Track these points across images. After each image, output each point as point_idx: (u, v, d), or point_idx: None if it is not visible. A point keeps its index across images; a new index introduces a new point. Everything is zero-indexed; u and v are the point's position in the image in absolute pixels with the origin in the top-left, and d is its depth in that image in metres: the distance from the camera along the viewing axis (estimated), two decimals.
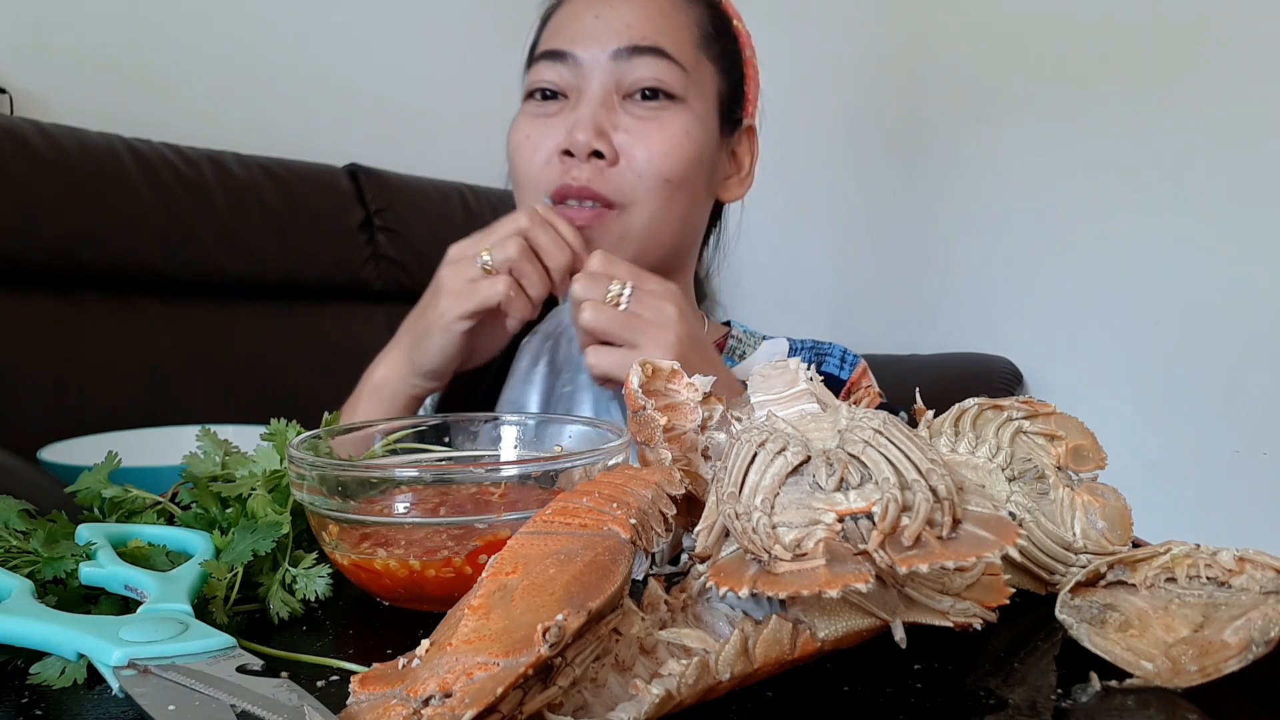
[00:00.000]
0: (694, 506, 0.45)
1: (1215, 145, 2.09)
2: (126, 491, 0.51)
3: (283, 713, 0.31)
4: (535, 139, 0.83)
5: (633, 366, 0.49)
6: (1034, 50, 2.33)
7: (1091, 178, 2.26)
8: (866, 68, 2.58)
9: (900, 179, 2.58)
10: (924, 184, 2.56)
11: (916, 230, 2.58)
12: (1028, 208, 2.37)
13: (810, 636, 0.34)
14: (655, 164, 0.80)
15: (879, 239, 2.60)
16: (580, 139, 0.79)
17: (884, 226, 2.60)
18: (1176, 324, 2.16)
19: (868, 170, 2.58)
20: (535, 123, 0.83)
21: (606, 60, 0.81)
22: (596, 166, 0.80)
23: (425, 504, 0.46)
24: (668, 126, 0.81)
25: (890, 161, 2.57)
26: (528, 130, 0.84)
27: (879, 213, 2.57)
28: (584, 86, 0.81)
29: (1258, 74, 2.04)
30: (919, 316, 2.55)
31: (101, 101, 1.85)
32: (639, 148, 0.80)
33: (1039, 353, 2.34)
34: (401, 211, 2.01)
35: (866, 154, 2.57)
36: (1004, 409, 0.48)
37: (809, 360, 0.91)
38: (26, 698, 0.36)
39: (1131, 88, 2.19)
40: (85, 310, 1.59)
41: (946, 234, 2.52)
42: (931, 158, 2.54)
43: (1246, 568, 0.40)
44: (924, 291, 2.56)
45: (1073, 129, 2.28)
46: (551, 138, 0.81)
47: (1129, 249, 2.21)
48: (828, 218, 2.68)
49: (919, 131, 2.54)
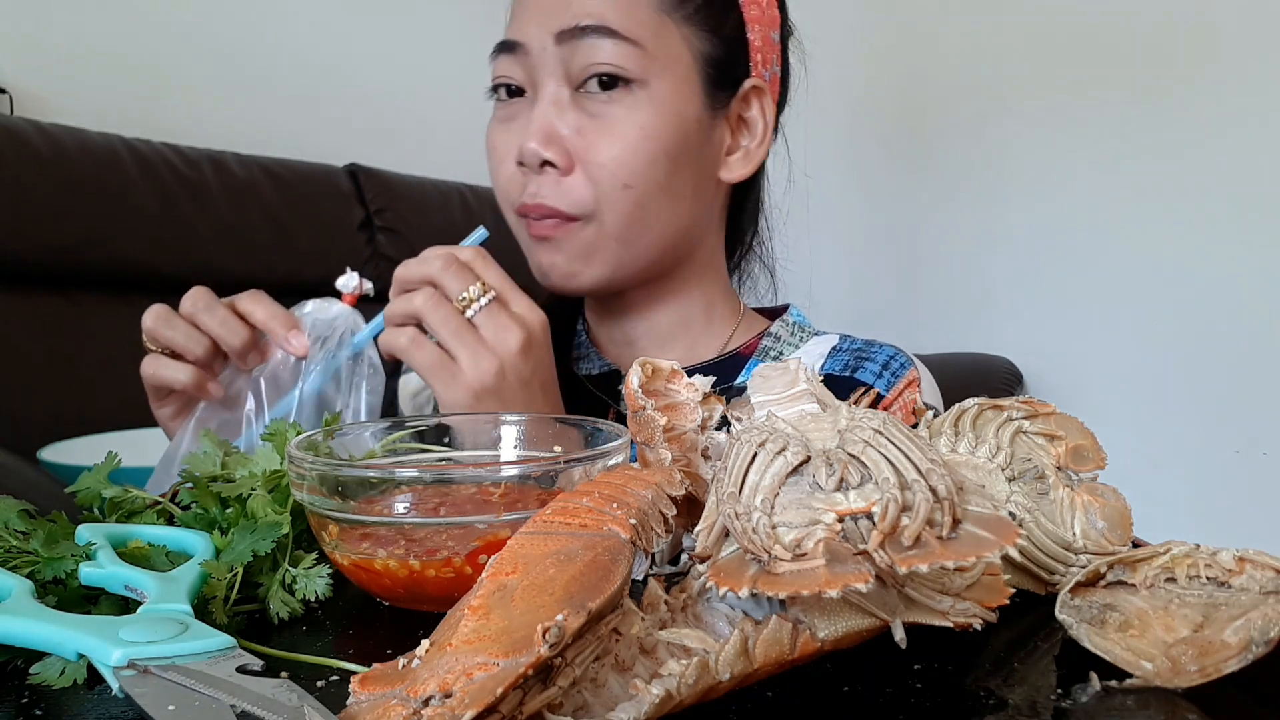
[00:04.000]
0: (694, 507, 0.45)
1: (1216, 146, 2.09)
2: (126, 491, 0.51)
3: (283, 713, 0.31)
4: (500, 150, 0.78)
5: (633, 366, 0.49)
6: (1035, 50, 2.33)
7: (1092, 178, 2.26)
8: (867, 68, 2.58)
9: (900, 179, 2.58)
10: (924, 184, 2.56)
11: (917, 230, 2.58)
12: (1028, 208, 2.37)
13: (810, 636, 0.34)
14: (609, 170, 0.73)
15: (879, 239, 2.60)
16: (529, 148, 0.72)
17: (884, 226, 2.60)
18: (1177, 324, 2.16)
19: (868, 170, 2.58)
20: (499, 130, 0.78)
21: (552, 46, 0.73)
22: (551, 177, 0.73)
23: (425, 504, 0.46)
24: (621, 124, 0.72)
25: (890, 162, 2.57)
26: (493, 140, 0.78)
27: (879, 213, 2.57)
28: (538, 81, 0.75)
29: (1259, 75, 2.04)
30: (919, 316, 2.55)
31: (101, 101, 1.86)
32: (591, 151, 0.73)
33: (1039, 353, 2.34)
34: (401, 211, 2.01)
35: (866, 154, 2.57)
36: (1004, 409, 0.48)
37: (845, 364, 0.82)
38: (26, 698, 0.36)
39: (1133, 89, 2.19)
40: (85, 310, 1.59)
41: (946, 234, 2.52)
42: (932, 158, 2.54)
43: (1246, 568, 0.40)
44: (924, 291, 2.56)
45: (1074, 129, 2.28)
46: (513, 147, 0.75)
47: (1129, 249, 2.22)
48: (827, 218, 2.69)
49: (919, 132, 2.54)
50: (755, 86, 0.79)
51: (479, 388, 0.65)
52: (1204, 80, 2.09)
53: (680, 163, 0.75)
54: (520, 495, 0.48)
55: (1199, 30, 2.09)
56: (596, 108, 0.73)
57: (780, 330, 0.86)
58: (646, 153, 0.73)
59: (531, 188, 0.74)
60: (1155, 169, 2.16)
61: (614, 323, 0.85)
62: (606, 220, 0.74)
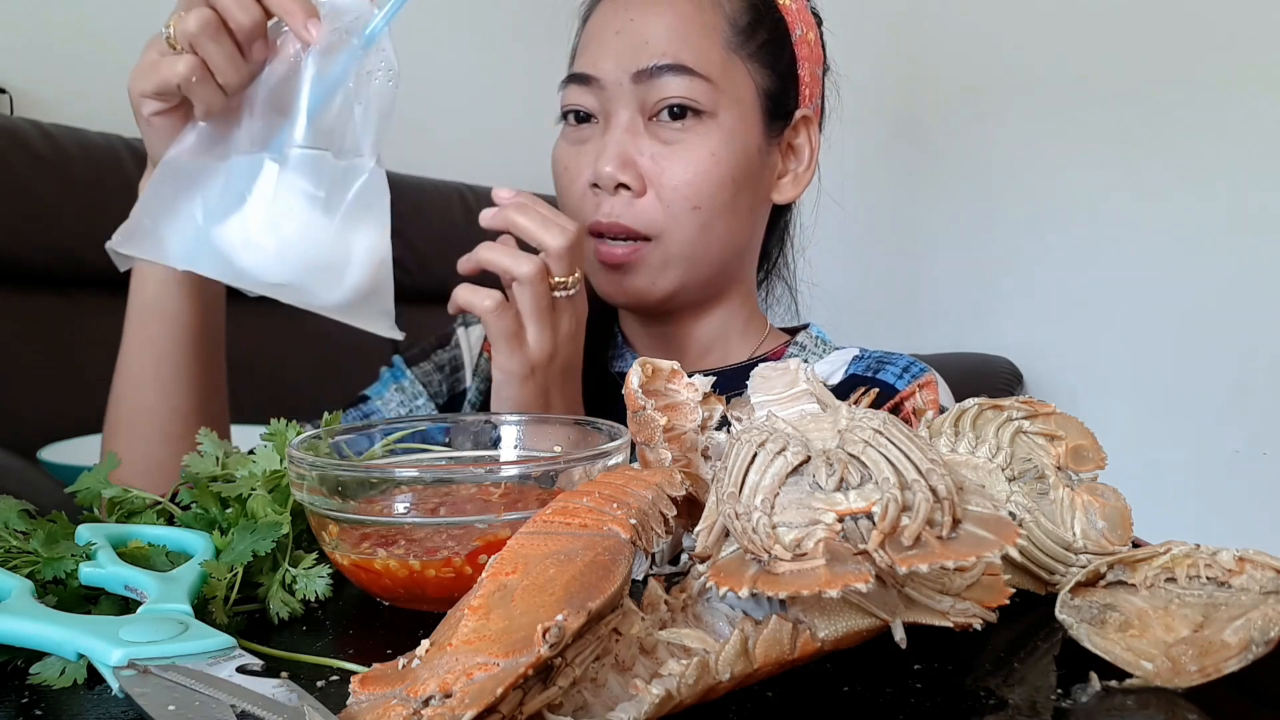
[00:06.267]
0: (694, 507, 0.45)
1: (1217, 145, 2.09)
2: (126, 492, 0.51)
3: (283, 713, 0.31)
4: (572, 170, 0.82)
5: (633, 366, 0.49)
6: (1035, 49, 2.33)
7: (1093, 178, 2.26)
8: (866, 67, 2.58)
9: (901, 179, 2.58)
10: (924, 184, 2.56)
11: (916, 230, 2.58)
12: (1028, 208, 2.37)
13: (810, 636, 0.34)
14: (681, 193, 0.78)
15: (879, 239, 2.60)
16: (605, 172, 0.77)
17: (884, 226, 2.60)
18: (1177, 324, 2.16)
19: (867, 170, 2.58)
20: (570, 151, 0.82)
21: (629, 83, 0.78)
22: (625, 198, 0.78)
23: (425, 504, 0.46)
24: (692, 151, 0.78)
25: (890, 161, 2.57)
26: (565, 161, 0.83)
27: (879, 212, 2.57)
28: (610, 110, 0.80)
29: (1259, 73, 2.04)
30: (919, 316, 2.55)
31: (101, 101, 1.85)
32: (664, 175, 0.78)
33: (1039, 353, 2.34)
34: (401, 211, 1.99)
35: (866, 153, 2.57)
36: (1004, 409, 0.48)
37: (867, 366, 0.86)
38: (26, 698, 0.36)
39: (1133, 88, 2.19)
40: (85, 310, 1.59)
41: (946, 234, 2.52)
42: (932, 157, 2.54)
43: (1246, 568, 0.40)
44: (924, 291, 2.56)
45: (1074, 129, 2.28)
46: (585, 168, 0.80)
47: (1130, 249, 2.22)
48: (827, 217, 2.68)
49: (919, 132, 2.54)
50: (805, 116, 0.86)
51: (536, 364, 0.70)
52: (1205, 80, 2.09)
53: (742, 187, 0.81)
54: (520, 495, 0.48)
55: (1200, 29, 2.09)
56: (669, 135, 0.78)
57: (805, 340, 0.91)
58: (715, 178, 0.79)
59: (606, 207, 0.79)
60: (1155, 169, 2.16)
61: (656, 330, 0.89)
62: (675, 240, 0.79)
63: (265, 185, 0.61)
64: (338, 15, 0.62)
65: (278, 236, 0.60)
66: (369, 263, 0.63)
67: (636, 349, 0.91)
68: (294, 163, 0.61)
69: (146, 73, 0.63)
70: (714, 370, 0.87)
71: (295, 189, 0.61)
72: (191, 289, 0.73)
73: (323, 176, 0.62)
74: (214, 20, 0.60)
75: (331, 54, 0.61)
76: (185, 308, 0.73)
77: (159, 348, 0.74)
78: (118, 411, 0.77)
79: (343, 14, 0.62)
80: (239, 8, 0.60)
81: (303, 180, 0.61)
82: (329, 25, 0.61)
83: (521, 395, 0.70)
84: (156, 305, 0.73)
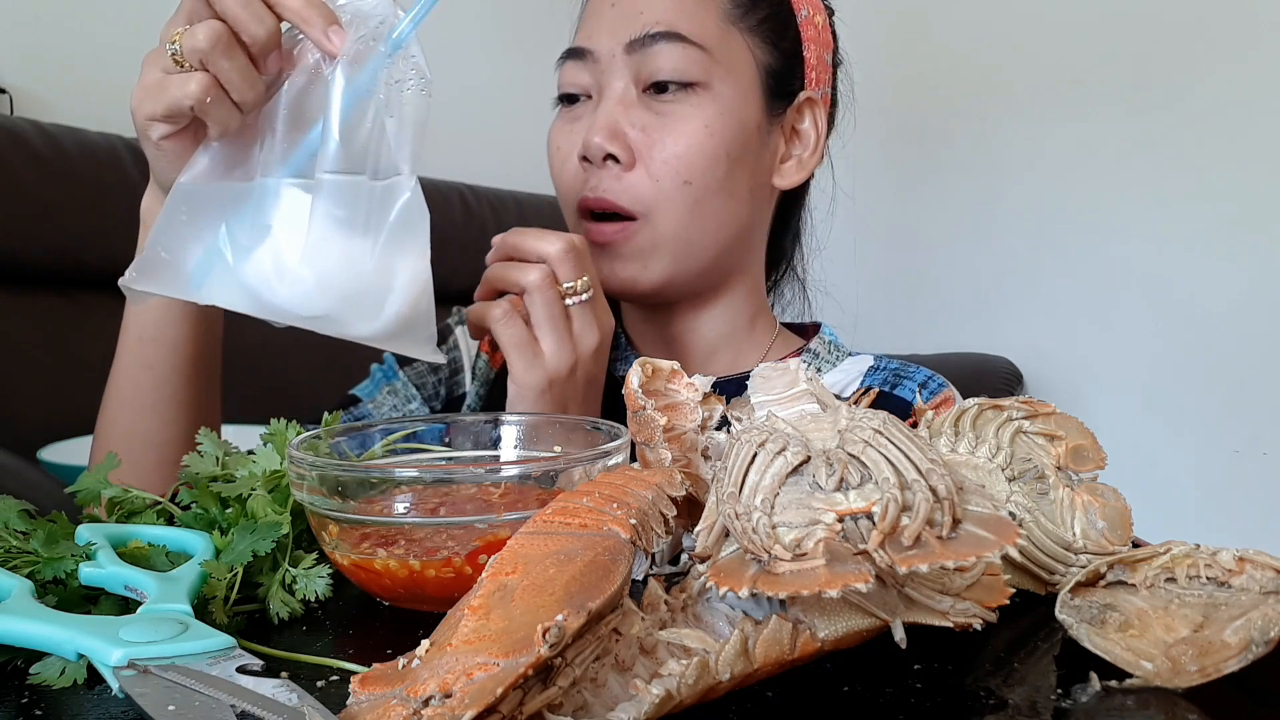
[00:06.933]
0: (694, 507, 0.45)
1: (1217, 145, 2.09)
2: (126, 491, 0.51)
3: (283, 713, 0.31)
4: (564, 149, 0.79)
5: (633, 366, 0.49)
6: (1035, 49, 2.33)
7: (1092, 178, 2.26)
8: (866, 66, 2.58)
9: (900, 179, 2.58)
10: (924, 184, 2.56)
11: (916, 230, 2.58)
12: (1029, 208, 2.37)
13: (810, 636, 0.34)
14: (671, 166, 0.75)
15: (879, 239, 2.60)
16: (594, 142, 0.74)
17: (884, 226, 2.59)
18: (1177, 324, 2.16)
19: (867, 170, 2.58)
20: (562, 130, 0.80)
21: (622, 54, 0.76)
22: (613, 172, 0.75)
23: (425, 504, 0.46)
24: (685, 123, 0.75)
25: (890, 161, 2.57)
26: (557, 140, 0.80)
27: (879, 212, 2.57)
28: (604, 84, 0.77)
29: (1259, 74, 2.04)
30: (919, 316, 2.55)
31: (101, 101, 1.85)
32: (654, 148, 0.75)
33: (1039, 353, 2.34)
34: None
35: (865, 153, 2.57)
36: (1004, 409, 0.48)
37: (884, 380, 0.84)
38: (26, 698, 0.36)
39: (1133, 88, 2.19)
40: (85, 310, 1.59)
41: (946, 234, 2.52)
42: (932, 157, 2.54)
43: (1246, 568, 0.40)
44: (924, 291, 2.56)
45: (1074, 129, 2.28)
46: (577, 145, 0.77)
47: (1129, 249, 2.22)
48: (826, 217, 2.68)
49: (919, 131, 2.54)
50: (809, 99, 0.83)
51: (554, 376, 0.67)
52: (1205, 80, 2.09)
53: (738, 164, 0.77)
54: (520, 495, 0.48)
55: (1200, 30, 2.09)
56: (662, 106, 0.76)
57: (818, 347, 0.88)
58: (708, 151, 0.75)
59: (592, 181, 0.76)
60: (1155, 169, 2.16)
61: (659, 330, 0.86)
62: (664, 218, 0.76)
63: (298, 212, 0.56)
64: (361, 21, 0.56)
65: (317, 267, 0.55)
66: (411, 288, 0.57)
67: (640, 350, 0.89)
68: (329, 186, 0.55)
69: (153, 94, 0.57)
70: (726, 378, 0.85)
71: (332, 215, 0.55)
72: (196, 318, 0.70)
73: (360, 199, 0.56)
74: (225, 33, 0.54)
75: (357, 64, 0.56)
76: (187, 336, 0.70)
77: (157, 374, 0.70)
78: (109, 434, 0.73)
79: (366, 19, 0.57)
80: (252, 18, 0.54)
81: (340, 206, 0.56)
82: (353, 33, 0.56)
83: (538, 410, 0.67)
84: (157, 332, 0.69)
